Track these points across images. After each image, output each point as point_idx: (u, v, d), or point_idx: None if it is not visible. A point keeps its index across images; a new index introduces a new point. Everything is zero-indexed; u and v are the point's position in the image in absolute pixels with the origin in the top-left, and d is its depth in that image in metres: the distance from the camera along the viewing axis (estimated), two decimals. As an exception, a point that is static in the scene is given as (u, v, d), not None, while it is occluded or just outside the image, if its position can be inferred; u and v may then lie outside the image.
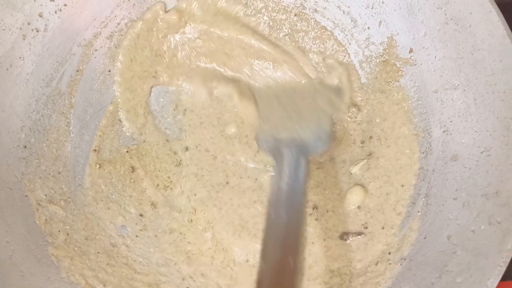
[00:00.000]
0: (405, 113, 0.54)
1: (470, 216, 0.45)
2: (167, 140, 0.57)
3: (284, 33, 0.59)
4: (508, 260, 0.40)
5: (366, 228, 0.53)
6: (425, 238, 0.48)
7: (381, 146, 0.55)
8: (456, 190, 0.48)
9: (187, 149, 0.57)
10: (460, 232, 0.45)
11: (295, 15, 0.58)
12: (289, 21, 0.59)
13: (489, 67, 0.47)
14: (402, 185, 0.53)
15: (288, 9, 0.58)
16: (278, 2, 0.58)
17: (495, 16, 0.46)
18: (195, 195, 0.55)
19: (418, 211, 0.50)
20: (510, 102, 0.45)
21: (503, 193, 0.44)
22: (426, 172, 0.52)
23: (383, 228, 0.52)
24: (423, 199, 0.51)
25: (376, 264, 0.50)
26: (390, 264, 0.49)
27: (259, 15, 0.59)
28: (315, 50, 0.58)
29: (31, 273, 0.45)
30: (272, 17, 0.59)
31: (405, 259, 0.49)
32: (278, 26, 0.59)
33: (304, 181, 0.47)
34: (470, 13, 0.47)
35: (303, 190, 0.47)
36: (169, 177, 0.56)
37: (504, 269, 0.40)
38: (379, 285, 0.48)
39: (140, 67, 0.57)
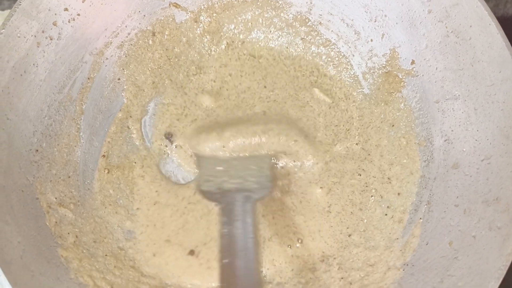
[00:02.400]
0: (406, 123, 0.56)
1: (471, 222, 0.46)
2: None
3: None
4: (508, 264, 0.41)
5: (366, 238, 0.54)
6: (427, 244, 0.49)
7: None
8: (458, 197, 0.49)
9: None
10: (462, 238, 0.46)
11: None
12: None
13: (488, 78, 0.48)
14: (399, 194, 0.54)
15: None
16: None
17: (494, 29, 0.47)
18: None
19: (420, 218, 0.51)
20: (509, 112, 0.46)
21: (503, 199, 0.45)
22: (428, 180, 0.53)
23: (384, 240, 0.53)
24: (425, 206, 0.52)
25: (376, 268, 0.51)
26: (392, 269, 0.50)
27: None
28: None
29: (41, 273, 0.45)
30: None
31: (407, 265, 0.49)
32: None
33: (253, 226, 0.49)
34: (470, 26, 0.49)
35: (253, 234, 0.48)
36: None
37: (504, 272, 0.41)
38: (382, 290, 0.49)
39: None
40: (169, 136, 0.57)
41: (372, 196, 0.55)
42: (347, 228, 0.54)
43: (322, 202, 0.55)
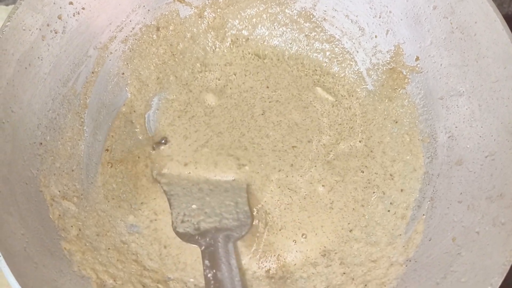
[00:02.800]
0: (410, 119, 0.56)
1: (474, 218, 0.46)
2: None
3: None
4: (512, 260, 0.41)
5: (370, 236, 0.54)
6: (430, 240, 0.49)
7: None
8: (461, 193, 0.49)
9: None
10: (465, 234, 0.46)
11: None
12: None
13: (493, 74, 0.48)
14: (401, 190, 0.54)
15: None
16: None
17: (500, 25, 0.47)
18: None
19: (423, 214, 0.51)
20: (514, 108, 0.46)
21: (507, 195, 0.45)
22: (431, 176, 0.53)
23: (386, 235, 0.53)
24: (428, 202, 0.52)
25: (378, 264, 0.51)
26: (394, 265, 0.50)
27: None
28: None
29: (44, 265, 0.45)
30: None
31: (410, 261, 0.49)
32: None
33: (237, 266, 0.48)
34: (475, 22, 0.49)
35: (237, 275, 0.47)
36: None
37: (508, 268, 0.41)
38: (384, 286, 0.49)
39: None
40: (163, 141, 0.57)
41: (374, 192, 0.55)
42: (348, 223, 0.55)
43: (324, 199, 0.55)
